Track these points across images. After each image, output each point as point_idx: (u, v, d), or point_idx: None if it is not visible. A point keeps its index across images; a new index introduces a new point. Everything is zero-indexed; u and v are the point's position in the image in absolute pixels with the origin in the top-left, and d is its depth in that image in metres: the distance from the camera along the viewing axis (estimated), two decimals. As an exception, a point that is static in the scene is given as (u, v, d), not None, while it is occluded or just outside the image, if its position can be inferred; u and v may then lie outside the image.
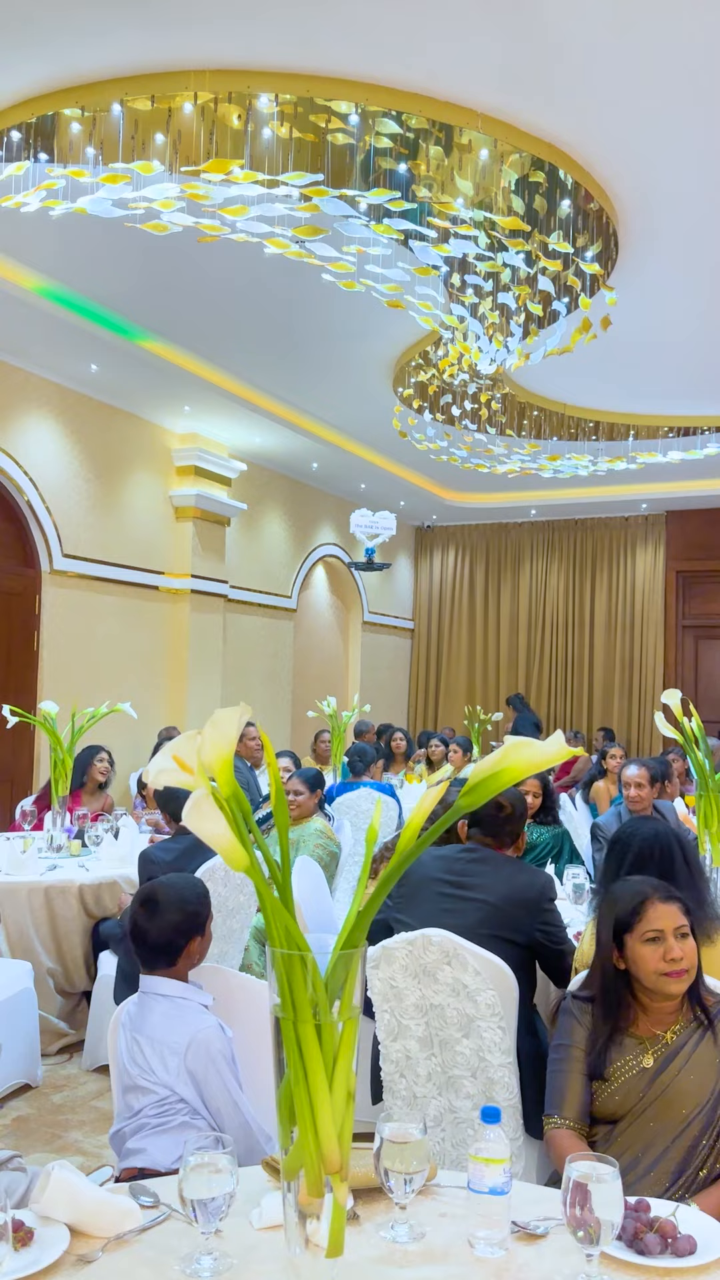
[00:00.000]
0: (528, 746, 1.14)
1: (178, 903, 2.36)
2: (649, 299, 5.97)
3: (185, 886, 2.43)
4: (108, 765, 5.72)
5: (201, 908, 2.40)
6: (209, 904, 2.45)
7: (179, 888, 2.42)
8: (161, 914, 2.34)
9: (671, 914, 2.05)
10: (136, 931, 2.36)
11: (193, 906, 2.38)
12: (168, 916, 2.33)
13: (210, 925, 2.44)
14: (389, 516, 9.02)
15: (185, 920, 2.35)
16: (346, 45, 3.77)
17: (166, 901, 2.35)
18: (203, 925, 2.39)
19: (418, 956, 2.56)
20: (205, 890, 2.46)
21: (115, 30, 3.72)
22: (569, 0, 3.44)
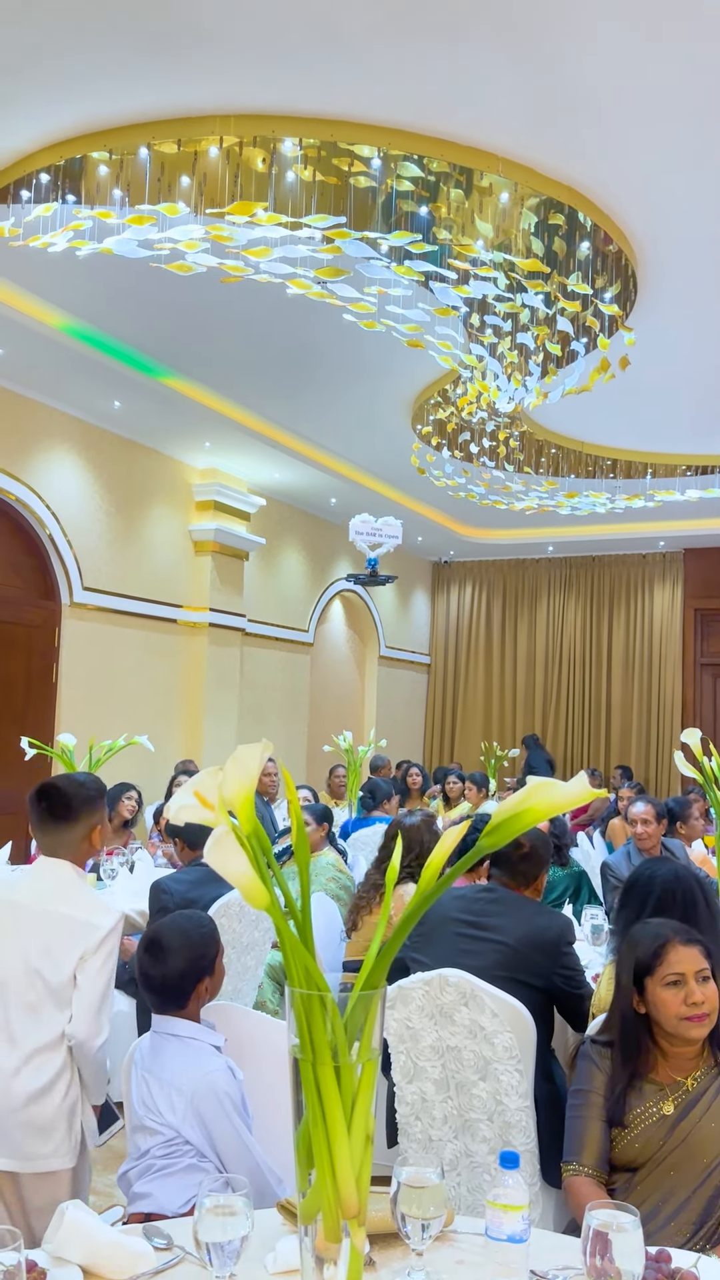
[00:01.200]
0: (551, 787, 1.13)
1: (183, 946, 2.32)
2: (668, 339, 6.01)
3: (191, 928, 2.39)
4: (135, 804, 5.71)
5: (208, 948, 2.35)
6: (217, 942, 2.40)
7: (184, 930, 2.37)
8: (167, 958, 2.30)
9: (693, 957, 2.02)
10: (143, 977, 2.34)
11: (199, 948, 2.33)
12: (173, 961, 2.30)
13: (221, 962, 2.42)
14: (394, 523, 8.12)
15: (191, 964, 2.30)
16: (369, 91, 3.85)
17: (172, 945, 2.31)
18: (211, 965, 2.35)
19: (434, 997, 2.53)
20: (212, 929, 2.41)
21: (142, 76, 3.81)
22: (587, 47, 3.50)
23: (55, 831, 2.56)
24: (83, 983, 2.44)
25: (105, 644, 7.85)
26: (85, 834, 2.58)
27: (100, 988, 2.46)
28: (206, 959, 2.34)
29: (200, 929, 2.40)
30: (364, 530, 7.96)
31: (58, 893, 2.51)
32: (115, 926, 2.49)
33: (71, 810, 2.55)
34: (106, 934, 2.47)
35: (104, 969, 2.46)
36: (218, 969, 2.38)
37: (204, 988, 2.34)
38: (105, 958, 2.47)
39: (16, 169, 4.45)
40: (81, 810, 2.56)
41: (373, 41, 3.53)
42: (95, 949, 2.45)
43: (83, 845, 2.58)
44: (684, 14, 3.31)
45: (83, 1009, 2.43)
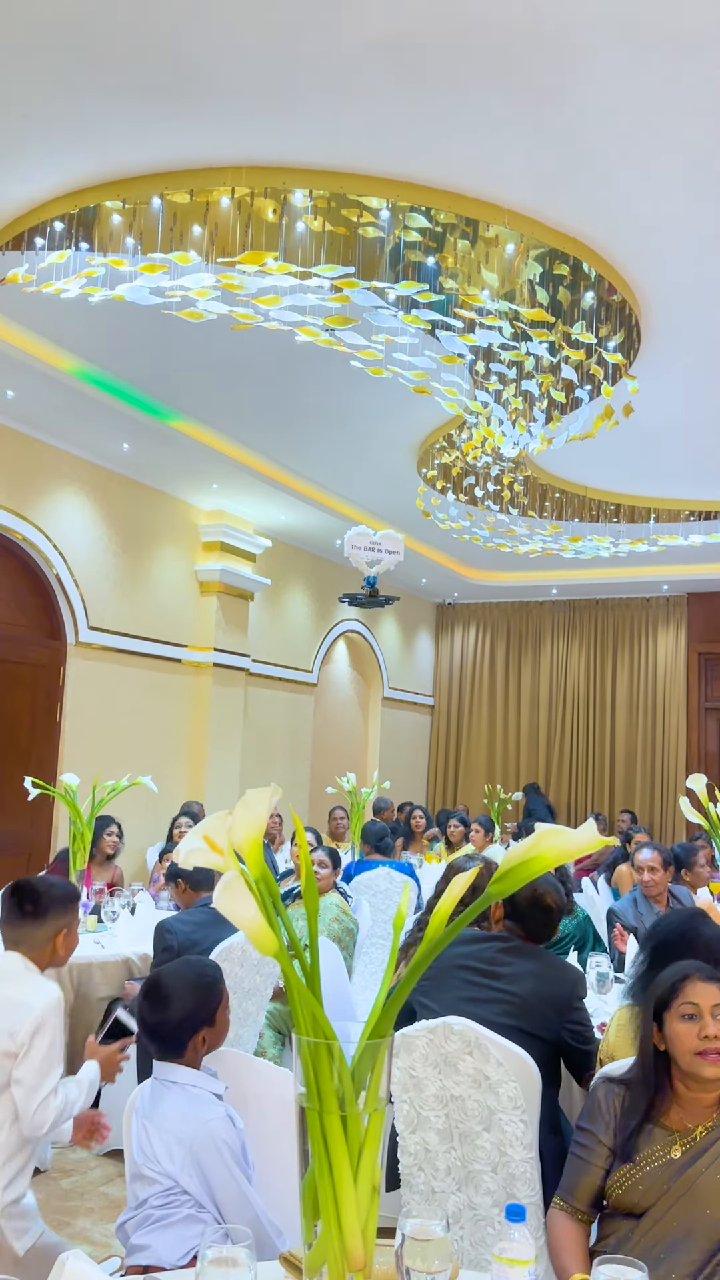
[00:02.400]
0: (560, 835, 1.14)
1: (183, 993, 2.28)
2: (671, 386, 6.08)
3: (193, 976, 2.34)
4: (117, 838, 5.69)
5: (209, 998, 2.31)
6: (220, 993, 2.35)
7: (186, 977, 2.33)
8: (166, 1005, 2.27)
9: (711, 992, 2.01)
10: (141, 1022, 2.31)
11: (199, 998, 2.29)
12: (172, 1009, 2.26)
13: (225, 1013, 2.37)
14: (395, 537, 7.14)
15: (190, 1013, 2.26)
16: (378, 144, 3.93)
17: (172, 992, 2.28)
18: (211, 1016, 2.30)
19: (439, 1045, 2.51)
20: (215, 978, 2.37)
21: (156, 129, 3.90)
22: (592, 102, 3.58)
23: (21, 927, 2.53)
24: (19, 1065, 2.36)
25: (110, 683, 7.86)
26: (51, 935, 2.53)
27: (35, 1069, 2.35)
28: (206, 1009, 2.30)
29: (202, 978, 2.35)
30: (361, 544, 6.98)
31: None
32: (50, 1005, 2.41)
33: (40, 908, 2.52)
34: (40, 1013, 2.37)
35: (42, 1050, 2.36)
36: (219, 1020, 2.33)
37: (202, 1038, 2.29)
38: (43, 1039, 2.37)
39: (32, 216, 4.54)
40: (50, 910, 2.53)
41: (382, 96, 3.62)
42: (30, 1030, 2.36)
43: (46, 946, 2.53)
44: (688, 74, 3.40)
45: (21, 1092, 2.35)
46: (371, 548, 6.98)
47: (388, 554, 7.02)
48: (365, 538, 6.97)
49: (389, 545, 7.00)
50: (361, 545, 6.95)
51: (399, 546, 7.04)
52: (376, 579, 7.27)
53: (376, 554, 7.00)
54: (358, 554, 6.96)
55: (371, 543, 6.98)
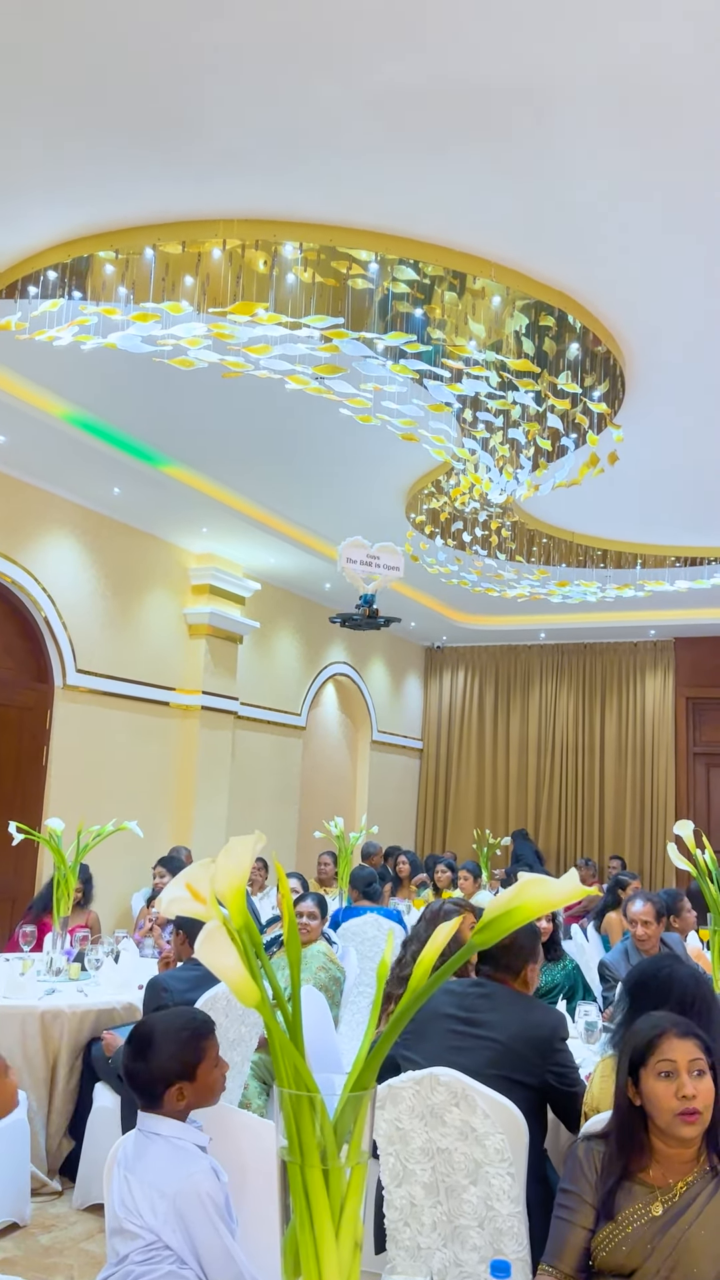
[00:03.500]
0: (542, 884, 1.14)
1: (163, 1044, 2.24)
2: (655, 435, 6.16)
3: (177, 1028, 2.29)
4: (82, 884, 5.62)
5: (187, 1053, 2.26)
6: (201, 1048, 2.29)
7: (171, 1028, 2.28)
8: (144, 1054, 2.23)
9: (687, 1049, 1.97)
10: (123, 1068, 2.28)
11: (176, 1050, 2.24)
12: (149, 1058, 2.22)
13: (209, 1072, 2.28)
14: (395, 551, 6.35)
15: (165, 1066, 2.22)
16: (368, 199, 4.02)
17: (151, 1041, 2.24)
18: (189, 1071, 2.25)
19: (425, 1097, 2.48)
20: (200, 1032, 2.31)
21: (150, 181, 3.98)
22: (576, 159, 3.68)
23: None
24: None
25: (97, 727, 7.83)
26: None
27: None
28: (184, 1063, 2.24)
29: (185, 1030, 2.30)
30: (356, 558, 6.15)
31: None
32: None
33: None
34: None
35: None
36: (202, 1077, 2.27)
37: (179, 1092, 2.23)
38: None
39: (25, 265, 4.61)
40: None
41: (372, 153, 3.71)
42: None
43: None
44: (669, 133, 3.50)
45: None
46: (368, 562, 6.15)
47: (386, 569, 6.20)
48: (361, 550, 6.14)
49: (388, 559, 6.20)
50: (357, 558, 6.12)
51: (399, 561, 6.24)
52: (374, 597, 6.54)
53: (373, 569, 6.19)
54: (352, 568, 6.14)
55: (368, 556, 6.15)
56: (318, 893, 4.76)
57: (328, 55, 3.21)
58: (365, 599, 6.52)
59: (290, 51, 3.20)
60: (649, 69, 3.18)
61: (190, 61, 3.28)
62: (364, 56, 3.20)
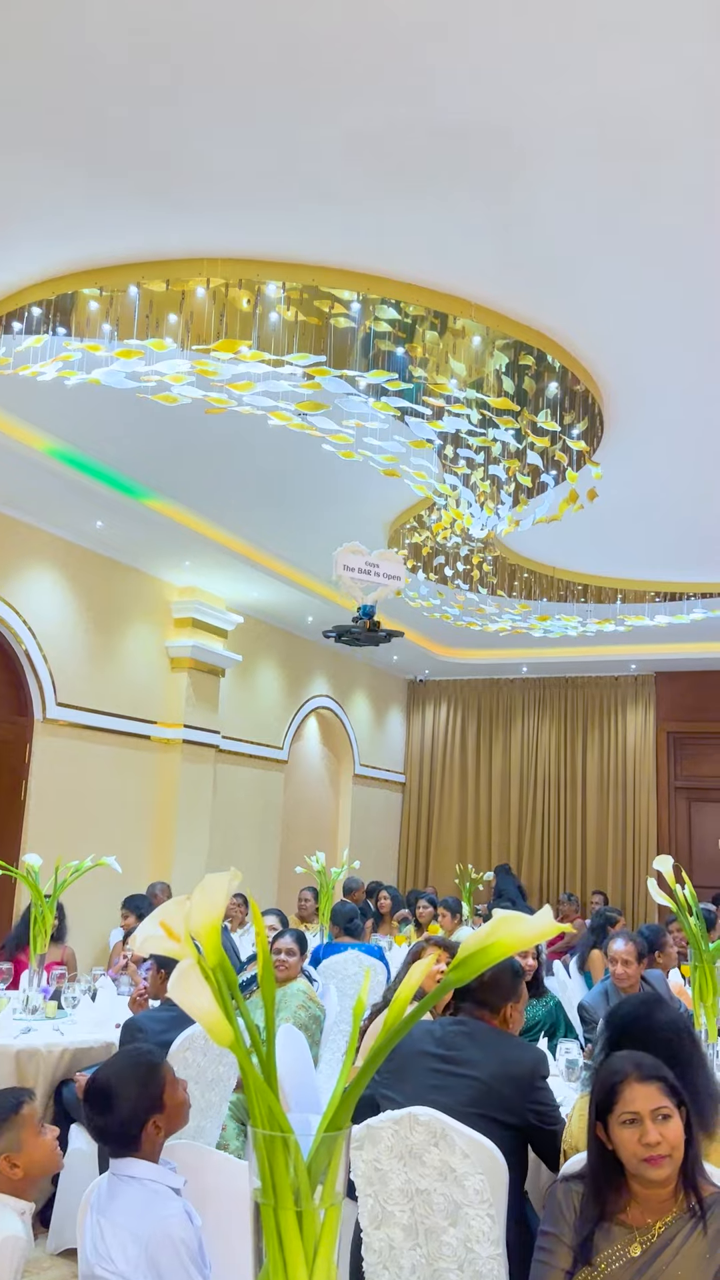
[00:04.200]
0: (517, 921, 1.14)
1: (123, 1088, 2.22)
2: (634, 472, 6.24)
3: (129, 1068, 2.28)
4: (56, 919, 5.56)
5: (151, 1085, 2.24)
6: (162, 1077, 2.28)
7: (122, 1073, 2.26)
8: (108, 1105, 2.21)
9: (649, 1095, 1.95)
10: (89, 1125, 2.25)
11: (141, 1088, 2.22)
12: (116, 1107, 2.20)
13: (176, 1094, 2.30)
14: (395, 559, 5.67)
15: (133, 1107, 2.20)
16: (350, 241, 4.08)
17: (111, 1090, 2.22)
18: (158, 1102, 2.24)
19: (404, 1137, 2.45)
20: (154, 1062, 2.30)
21: (134, 220, 4.03)
22: (556, 203, 3.75)
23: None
24: None
25: (77, 761, 7.78)
26: None
27: None
28: (151, 1097, 2.23)
29: (139, 1066, 2.28)
30: (354, 565, 5.43)
31: None
32: None
33: None
34: None
35: None
36: (170, 1103, 2.26)
37: (154, 1126, 2.22)
38: None
39: (10, 302, 4.64)
40: None
41: (355, 195, 3.77)
42: None
43: None
44: (646, 179, 3.57)
45: None
46: (366, 570, 5.47)
47: (386, 578, 5.53)
48: (358, 556, 5.47)
49: (388, 568, 5.52)
50: (354, 566, 5.42)
51: (400, 570, 5.57)
52: (374, 608, 5.79)
53: (372, 578, 5.52)
54: (348, 577, 5.47)
55: (366, 563, 5.47)
56: (297, 929, 4.72)
57: (311, 98, 3.28)
58: (364, 610, 5.77)
59: (273, 94, 3.26)
60: (628, 114, 3.26)
61: (175, 104, 3.33)
62: (347, 99, 3.27)
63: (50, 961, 5.25)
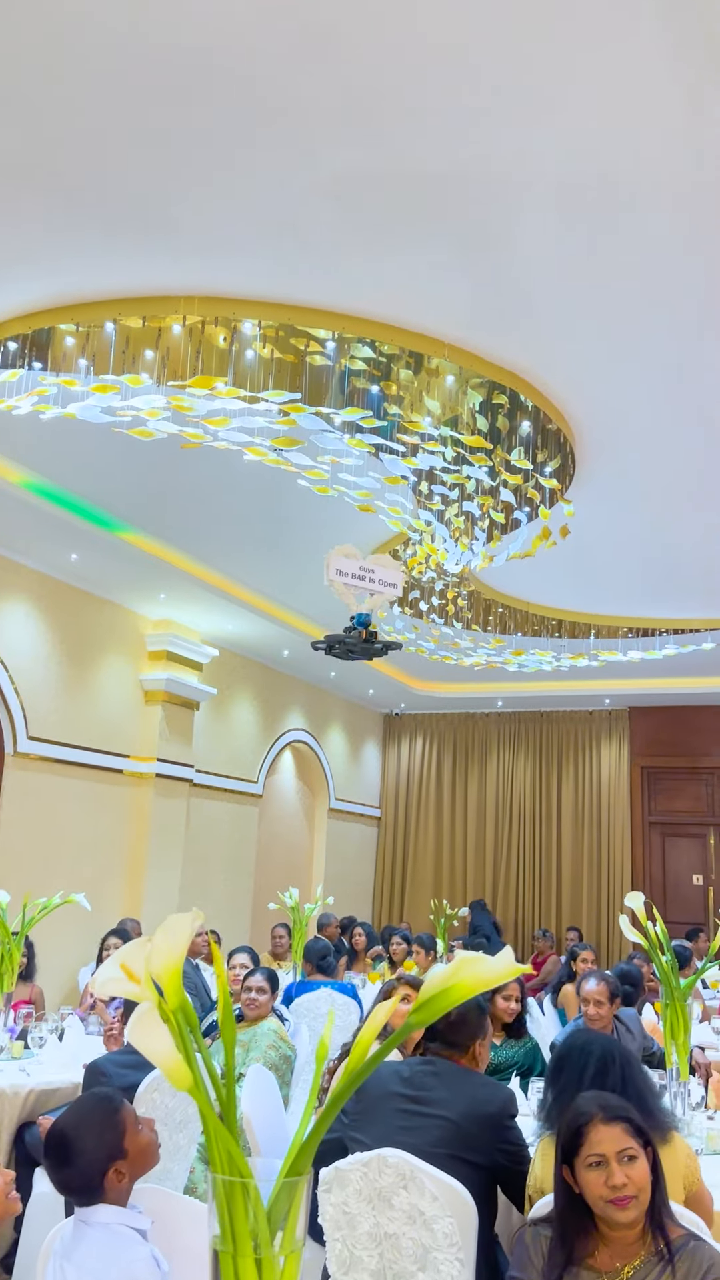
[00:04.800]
0: (479, 963, 1.14)
1: (82, 1139, 2.16)
2: (605, 510, 6.31)
3: (86, 1115, 2.22)
4: (24, 957, 5.48)
5: (108, 1131, 2.18)
6: (119, 1121, 2.21)
7: (82, 1120, 2.20)
8: (66, 1158, 2.16)
9: (615, 1137, 1.94)
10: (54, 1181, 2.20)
11: (98, 1136, 2.16)
12: (74, 1159, 2.15)
13: (137, 1138, 2.24)
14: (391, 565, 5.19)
15: (90, 1157, 2.13)
16: (325, 280, 4.14)
17: (68, 1142, 2.16)
18: (118, 1148, 2.17)
19: (372, 1179, 2.43)
20: (113, 1107, 2.24)
21: (112, 258, 4.06)
22: (529, 248, 3.82)
23: None
24: None
25: (48, 794, 7.70)
26: None
27: None
28: (109, 1145, 2.16)
29: (94, 1114, 2.22)
30: (347, 571, 5.00)
31: None
32: None
33: None
34: None
35: None
36: (132, 1147, 2.19)
37: (116, 1174, 2.17)
38: None
39: (-13, 337, 4.66)
40: None
41: (330, 237, 3.83)
42: None
43: None
44: (616, 226, 3.65)
45: None
46: (360, 575, 5.03)
47: (384, 586, 5.09)
48: (352, 561, 5.02)
49: (384, 574, 5.06)
50: (348, 572, 4.98)
51: (397, 577, 5.12)
52: (369, 617, 5.35)
53: (367, 584, 5.07)
54: (341, 582, 5.01)
55: (360, 569, 5.02)
56: (268, 967, 4.67)
57: (287, 145, 3.33)
58: (359, 620, 5.35)
59: (250, 138, 3.32)
60: (600, 164, 3.33)
61: (154, 148, 3.38)
62: (323, 144, 3.33)
63: (18, 1000, 5.17)
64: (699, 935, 9.06)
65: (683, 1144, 2.55)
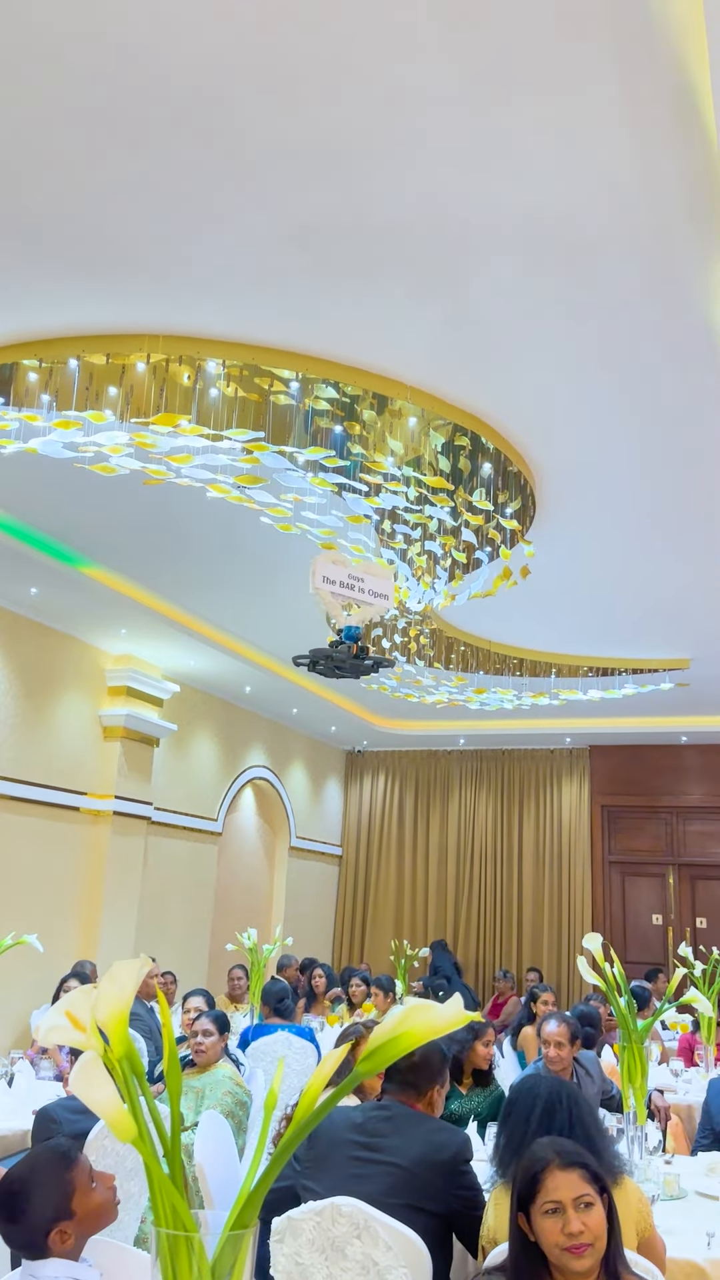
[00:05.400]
0: (428, 1010, 1.13)
1: (27, 1195, 2.09)
2: (565, 551, 6.39)
3: (35, 1174, 2.14)
4: None
5: (55, 1192, 2.10)
6: (67, 1181, 2.14)
7: (29, 1180, 2.13)
8: (12, 1216, 2.10)
9: (571, 1183, 1.92)
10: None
11: (43, 1196, 2.09)
12: (20, 1219, 2.09)
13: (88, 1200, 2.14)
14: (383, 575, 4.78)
15: (38, 1219, 2.07)
16: (288, 322, 4.18)
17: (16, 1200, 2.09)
18: (64, 1210, 2.10)
19: (326, 1229, 2.38)
20: (62, 1166, 2.16)
21: (77, 297, 4.07)
22: (489, 295, 3.89)
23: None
24: None
25: (1, 833, 7.57)
26: None
27: None
28: (55, 1206, 2.09)
29: (43, 1171, 2.14)
30: (336, 579, 4.59)
31: None
32: None
33: None
34: None
35: None
36: (81, 1209, 2.12)
37: (61, 1234, 2.09)
38: None
39: (-51, 371, 4.65)
40: None
41: (293, 280, 3.87)
42: None
43: None
44: (575, 273, 3.73)
45: None
46: (350, 584, 4.61)
47: (374, 597, 4.65)
48: (340, 569, 4.58)
49: (375, 584, 4.65)
50: (335, 580, 4.55)
51: (388, 588, 4.70)
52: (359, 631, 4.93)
53: (356, 594, 4.65)
54: (328, 591, 4.56)
55: (350, 577, 4.61)
56: (218, 1010, 4.58)
57: (255, 187, 3.38)
58: (348, 634, 4.92)
59: (215, 183, 3.36)
60: (558, 211, 3.41)
61: (118, 186, 3.41)
62: (289, 189, 3.38)
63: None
64: (658, 976, 9.06)
65: (634, 1188, 2.53)
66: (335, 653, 4.93)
